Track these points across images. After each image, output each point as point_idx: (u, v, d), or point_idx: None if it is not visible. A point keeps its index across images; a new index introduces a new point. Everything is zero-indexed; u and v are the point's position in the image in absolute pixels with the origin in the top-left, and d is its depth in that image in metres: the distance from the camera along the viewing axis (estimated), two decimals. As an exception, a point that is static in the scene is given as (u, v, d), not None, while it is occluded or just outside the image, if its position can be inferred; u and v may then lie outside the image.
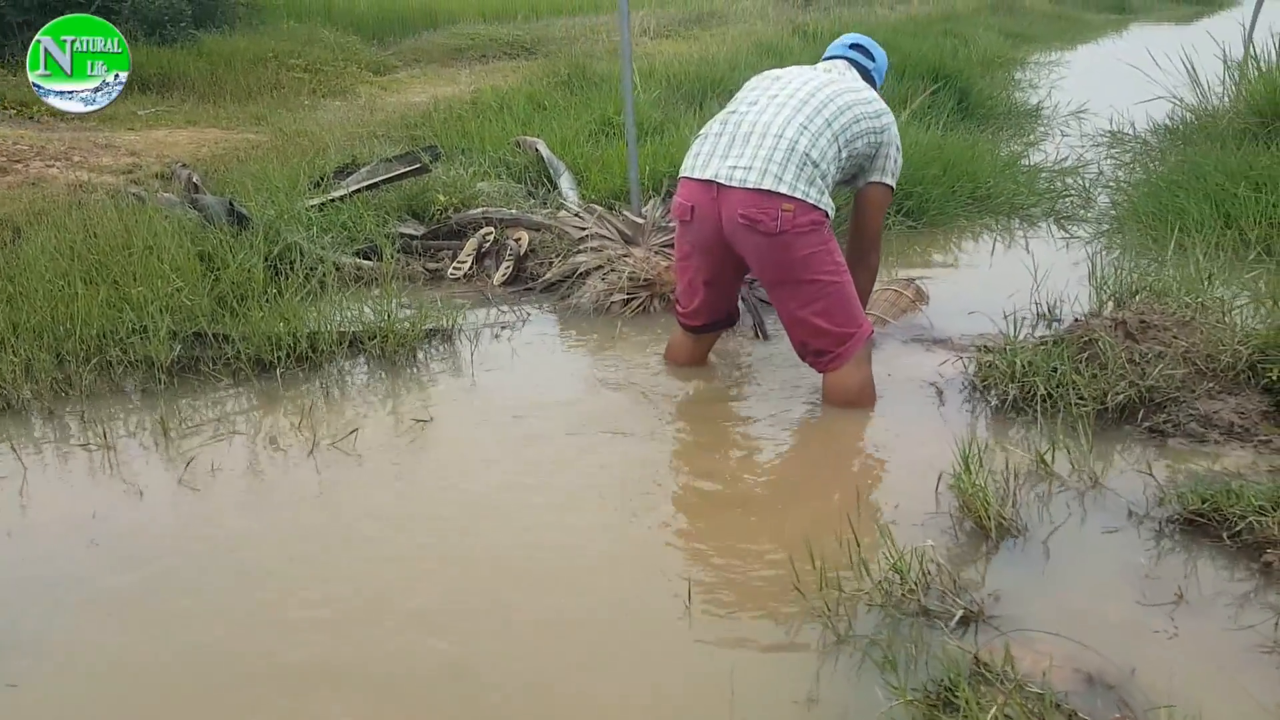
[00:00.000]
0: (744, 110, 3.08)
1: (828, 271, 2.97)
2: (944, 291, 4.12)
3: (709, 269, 3.19)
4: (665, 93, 7.39)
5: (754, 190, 2.90)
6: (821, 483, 2.73)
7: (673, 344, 3.50)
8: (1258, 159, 5.13)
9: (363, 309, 3.70)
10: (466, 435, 3.00)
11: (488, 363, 3.53)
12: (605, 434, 2.97)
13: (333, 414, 3.14)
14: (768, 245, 2.94)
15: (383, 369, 3.47)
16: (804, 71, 3.18)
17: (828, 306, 2.99)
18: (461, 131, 6.45)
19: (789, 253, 2.93)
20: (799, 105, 3.02)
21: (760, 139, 2.97)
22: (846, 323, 3.02)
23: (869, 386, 3.10)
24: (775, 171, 2.91)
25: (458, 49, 11.69)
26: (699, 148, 3.09)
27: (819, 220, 2.94)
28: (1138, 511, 2.46)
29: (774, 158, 2.92)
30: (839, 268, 3.00)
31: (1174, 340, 3.10)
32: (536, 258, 4.46)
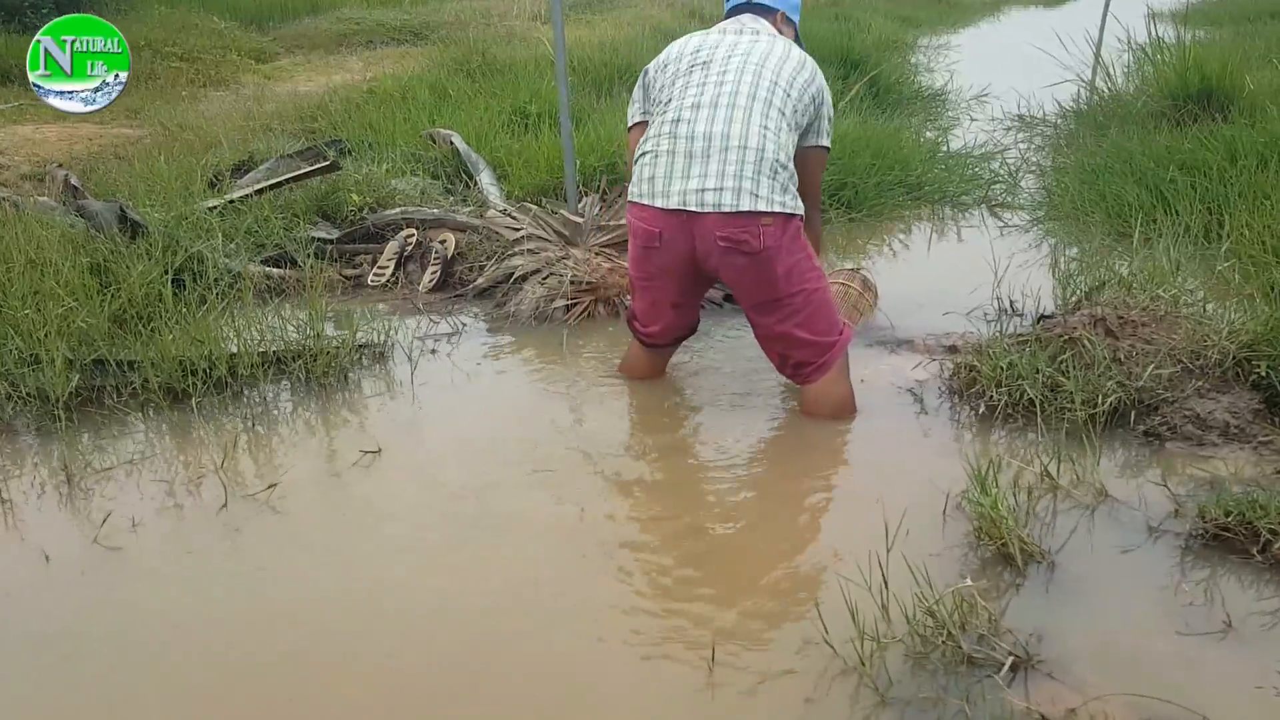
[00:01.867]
0: (689, 115, 2.77)
1: (809, 280, 2.79)
2: (895, 287, 3.96)
3: (676, 292, 2.96)
4: (575, 81, 7.10)
5: (732, 213, 2.68)
6: (820, 511, 2.52)
7: (630, 359, 3.24)
8: (1181, 143, 5.13)
9: (285, 325, 3.34)
10: (418, 474, 2.69)
11: (429, 382, 3.22)
12: (575, 466, 2.70)
13: (260, 451, 2.80)
14: (751, 264, 2.72)
15: (312, 394, 3.14)
16: (728, 50, 2.86)
17: (809, 316, 2.80)
18: (364, 123, 6.06)
19: (772, 268, 2.72)
20: (749, 101, 2.74)
21: (724, 153, 2.70)
22: (828, 330, 2.83)
23: (850, 396, 2.92)
24: (750, 188, 2.67)
25: (343, 35, 11.16)
26: (651, 169, 2.80)
27: (799, 227, 2.77)
28: (1155, 526, 2.32)
29: (744, 172, 2.68)
30: (818, 273, 2.83)
31: (1155, 337, 2.99)
32: (465, 261, 4.16)
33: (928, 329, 3.48)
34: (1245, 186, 4.36)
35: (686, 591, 2.16)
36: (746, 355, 3.34)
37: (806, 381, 2.88)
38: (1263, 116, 5.34)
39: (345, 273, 4.18)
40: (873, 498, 2.44)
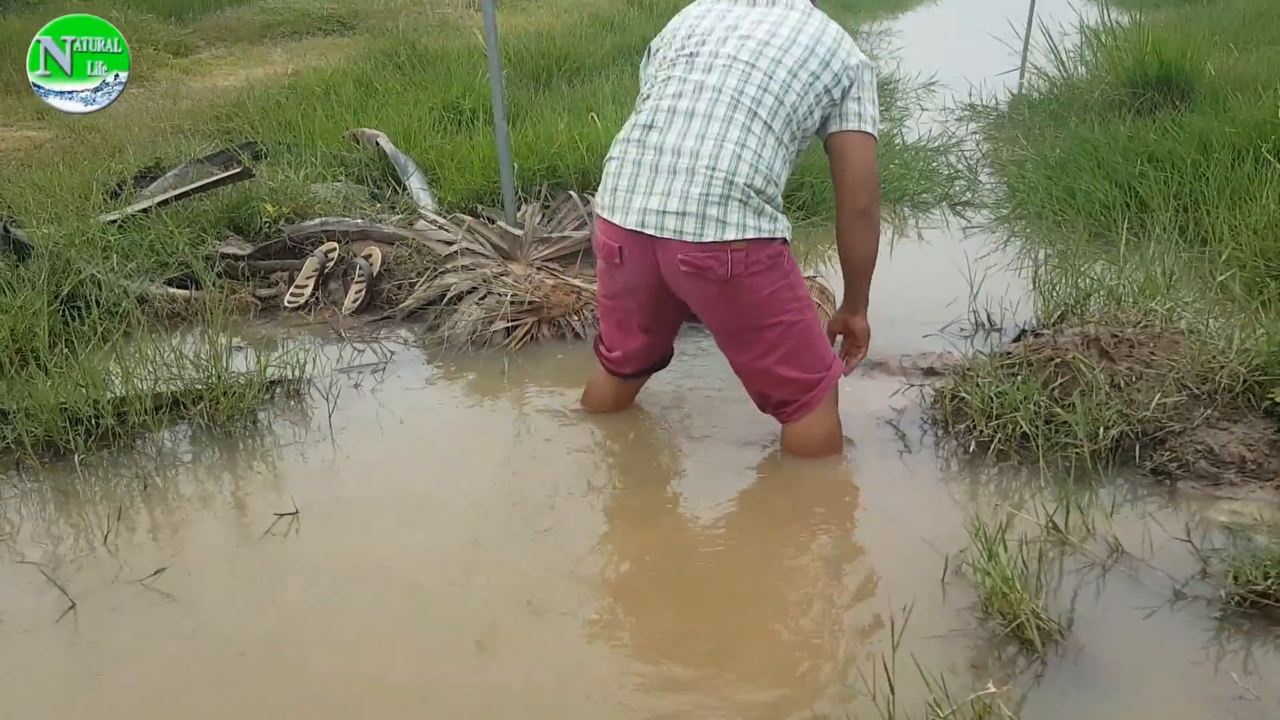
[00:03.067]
0: (662, 120, 2.41)
1: (790, 310, 2.43)
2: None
3: (646, 315, 2.61)
4: (511, 73, 6.72)
5: (694, 243, 2.34)
6: (804, 589, 2.18)
7: (593, 388, 2.89)
8: (1145, 133, 4.91)
9: (183, 360, 2.95)
10: (337, 544, 2.33)
11: (351, 424, 2.85)
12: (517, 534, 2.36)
13: (156, 520, 2.42)
14: (718, 293, 2.38)
15: (216, 443, 2.75)
16: (722, 36, 2.45)
17: (792, 350, 2.47)
18: (283, 122, 5.63)
19: (745, 298, 2.38)
20: (729, 111, 2.35)
21: (690, 173, 2.33)
22: (813, 366, 2.51)
23: (836, 433, 2.61)
24: (715, 214, 2.31)
25: (267, 25, 10.62)
26: (615, 179, 2.44)
27: (778, 251, 2.40)
28: (1181, 590, 2.04)
29: (710, 195, 2.31)
30: (802, 303, 2.47)
31: (1154, 358, 2.73)
32: (393, 278, 3.78)
33: (901, 349, 3.19)
34: (1223, 181, 4.13)
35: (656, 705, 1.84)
36: (713, 380, 3.02)
37: (789, 420, 2.57)
38: (1225, 104, 5.14)
39: (259, 293, 3.78)
40: (864, 565, 2.14)
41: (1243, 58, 6.36)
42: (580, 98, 5.84)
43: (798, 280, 2.47)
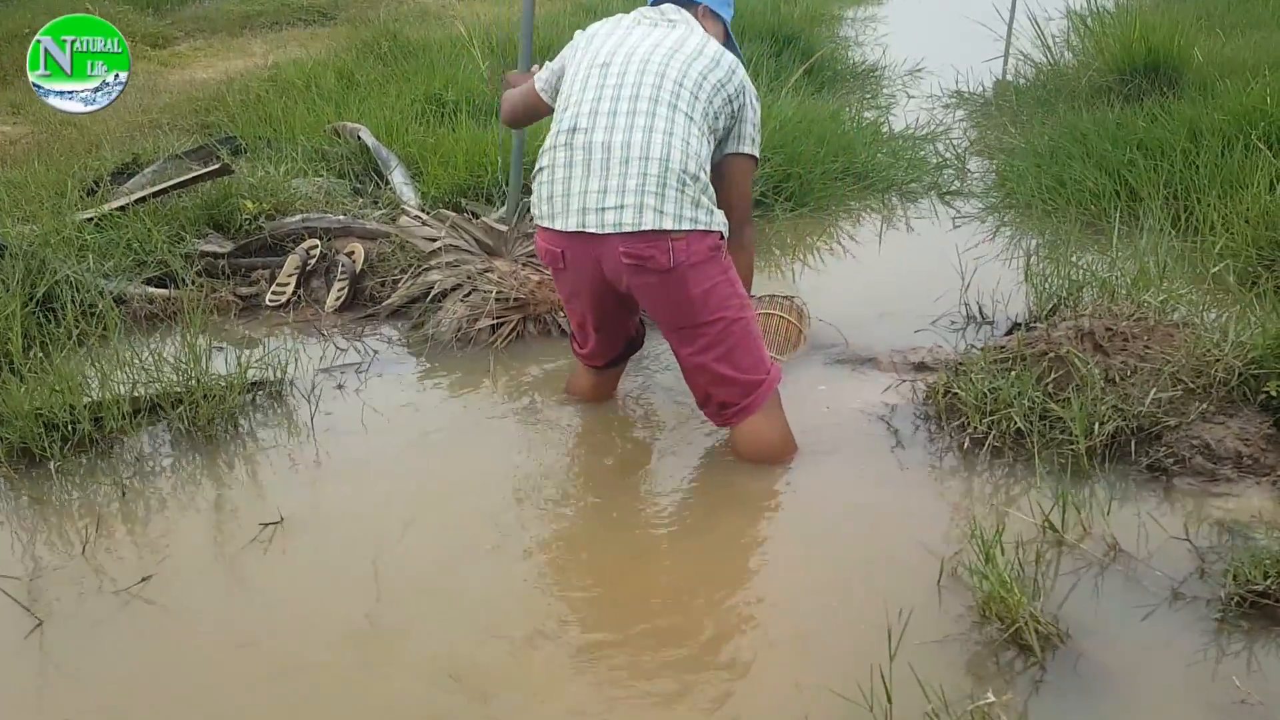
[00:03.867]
0: (585, 123, 2.44)
1: (731, 308, 2.44)
2: (849, 293, 3.63)
3: (596, 314, 2.63)
4: (494, 63, 6.64)
5: (634, 233, 2.35)
6: (796, 584, 2.15)
7: (573, 379, 2.94)
8: (1134, 120, 4.87)
9: (161, 362, 2.88)
10: (323, 554, 2.27)
11: (334, 426, 2.80)
12: (508, 538, 2.32)
13: (132, 528, 2.36)
14: (660, 284, 2.40)
15: (197, 448, 2.70)
16: (630, 49, 2.51)
17: (732, 350, 2.45)
18: (263, 116, 5.54)
19: (685, 290, 2.40)
20: (650, 105, 2.40)
21: (624, 164, 2.37)
22: (753, 368, 2.48)
23: (783, 438, 2.57)
24: (654, 204, 2.35)
25: (247, 16, 10.48)
26: (549, 186, 2.46)
27: (716, 244, 2.43)
28: (1180, 590, 2.01)
29: (647, 186, 2.35)
30: (742, 302, 2.48)
31: (1149, 352, 2.70)
32: (376, 274, 3.72)
33: (891, 343, 3.15)
34: (1213, 169, 4.10)
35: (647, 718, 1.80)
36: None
37: (729, 424, 2.55)
38: (1213, 90, 5.11)
39: (239, 292, 3.71)
40: (858, 569, 2.10)
41: (1229, 42, 6.34)
42: (564, 88, 5.76)
43: (736, 278, 2.49)
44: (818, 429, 2.66)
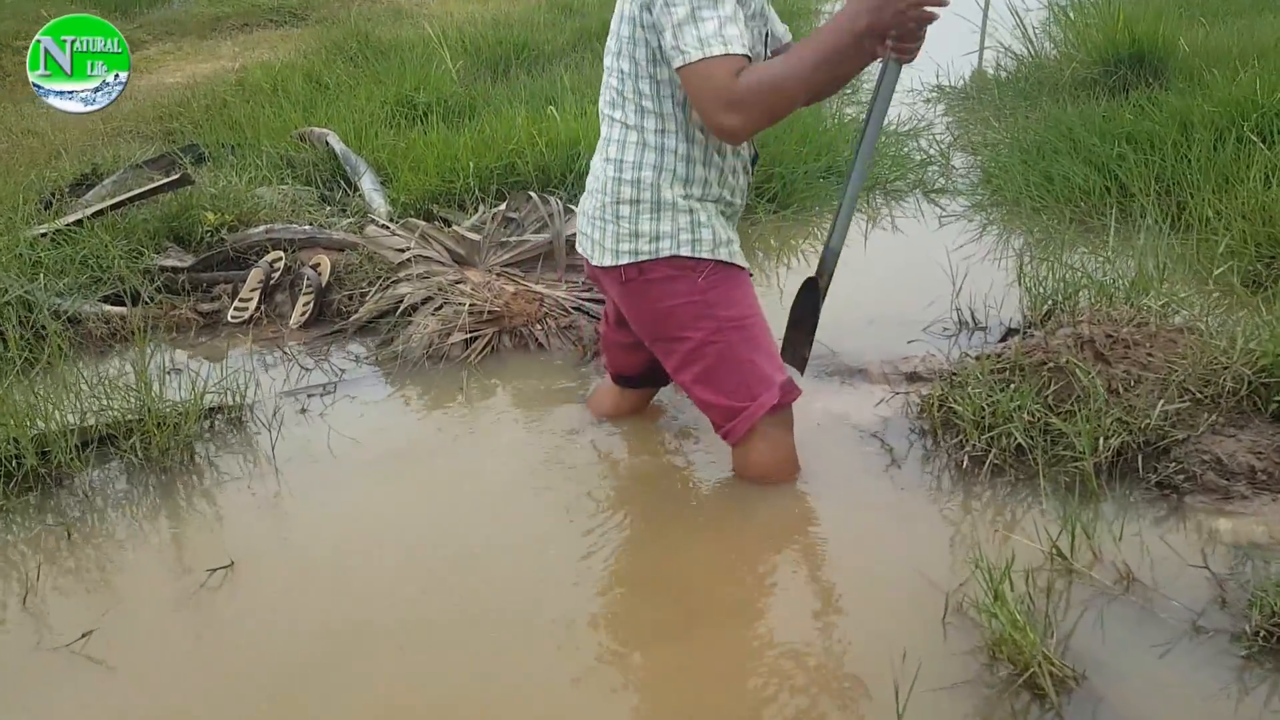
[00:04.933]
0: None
1: (703, 329, 2.23)
2: (835, 298, 3.43)
3: (613, 324, 2.56)
4: (467, 62, 6.48)
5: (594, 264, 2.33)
6: (790, 622, 2.00)
7: (597, 392, 2.83)
8: (1121, 113, 4.76)
9: (112, 388, 2.72)
10: (277, 600, 2.12)
11: (297, 455, 2.64)
12: (478, 582, 2.17)
13: (78, 575, 2.21)
14: (621, 295, 2.31)
15: (149, 483, 2.54)
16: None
17: (707, 373, 2.26)
18: (228, 122, 5.38)
19: (647, 301, 2.27)
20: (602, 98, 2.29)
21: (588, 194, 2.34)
22: (735, 393, 2.26)
23: (783, 460, 2.37)
24: (596, 238, 2.28)
25: (216, 18, 10.27)
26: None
27: (679, 270, 2.21)
28: (1200, 623, 1.88)
29: (590, 214, 2.31)
30: (721, 325, 2.23)
31: (1152, 360, 2.57)
32: (343, 288, 3.56)
33: (881, 352, 3.02)
34: (1205, 163, 3.98)
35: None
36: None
37: (726, 441, 2.38)
38: (1200, 80, 5.00)
39: (200, 308, 3.55)
40: (856, 604, 1.97)
41: (1213, 31, 6.23)
42: (539, 89, 5.62)
43: (720, 299, 2.23)
44: (808, 446, 2.52)
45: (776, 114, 2.01)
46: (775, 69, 1.95)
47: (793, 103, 2.00)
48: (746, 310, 2.27)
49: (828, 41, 1.93)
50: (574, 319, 3.25)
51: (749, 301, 2.29)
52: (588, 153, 4.08)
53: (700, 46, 1.95)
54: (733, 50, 1.95)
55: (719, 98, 1.95)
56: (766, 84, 1.94)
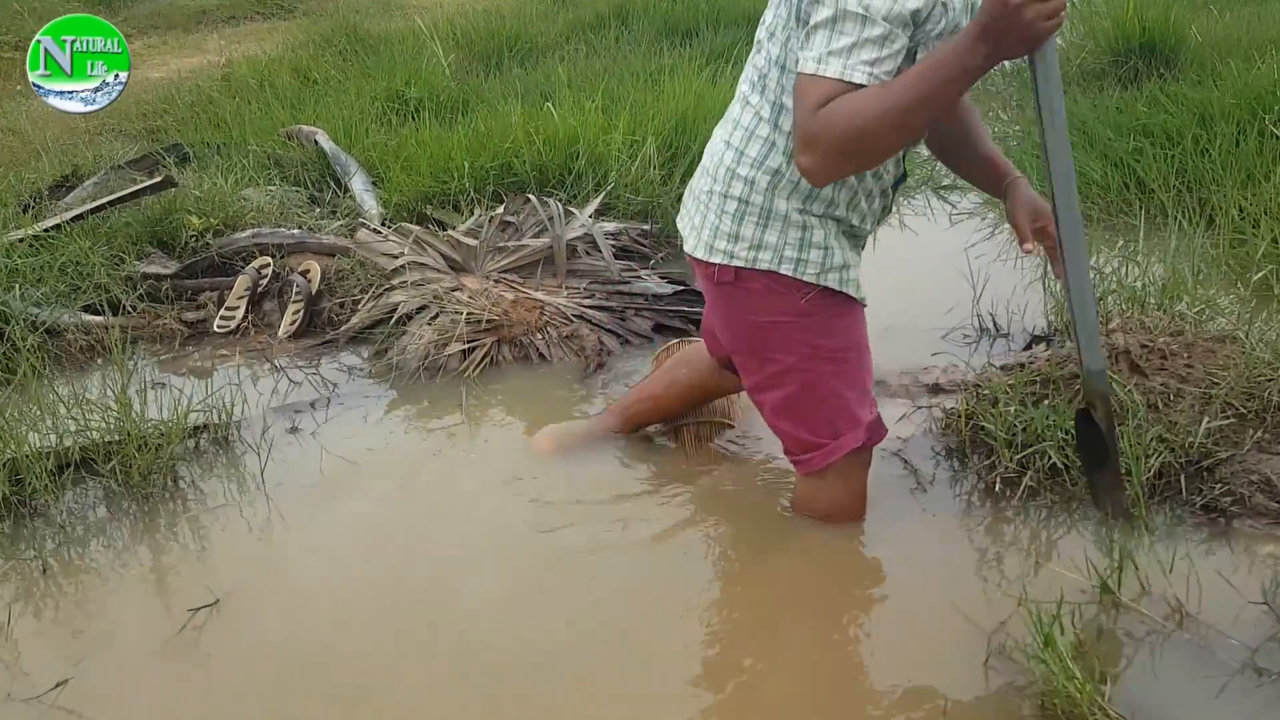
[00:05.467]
0: None
1: (794, 355, 1.99)
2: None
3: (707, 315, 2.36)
4: (459, 55, 6.31)
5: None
6: (817, 666, 1.87)
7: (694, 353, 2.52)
8: (1135, 105, 4.62)
9: (89, 407, 2.57)
10: (267, 640, 1.98)
11: (288, 477, 2.50)
12: (494, 607, 2.03)
13: (54, 615, 2.06)
14: (712, 293, 2.09)
15: (130, 510, 2.39)
16: None
17: (789, 400, 2.04)
18: (214, 120, 5.21)
19: (736, 310, 2.03)
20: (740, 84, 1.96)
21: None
22: (818, 428, 2.04)
23: (854, 503, 2.17)
24: (696, 222, 2.02)
25: (202, 10, 10.07)
26: None
27: (779, 286, 1.94)
28: (1260, 664, 1.75)
29: (698, 192, 2.02)
30: (816, 354, 1.99)
31: (1190, 371, 2.44)
32: (334, 295, 3.41)
33: (899, 362, 2.87)
34: (1226, 158, 3.84)
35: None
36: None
37: (796, 469, 2.17)
38: (1214, 71, 4.86)
39: (185, 317, 3.39)
40: (888, 644, 1.83)
41: (1222, 19, 6.10)
42: (534, 83, 5.46)
43: (819, 327, 1.98)
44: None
45: (857, 160, 1.70)
46: (859, 104, 1.60)
47: (879, 148, 1.68)
48: (847, 343, 2.02)
49: (932, 77, 1.58)
50: (576, 328, 3.10)
51: (853, 334, 2.04)
52: (587, 151, 3.94)
53: (818, 61, 1.63)
54: (849, 77, 1.62)
55: (798, 129, 1.66)
56: (843, 121, 1.59)
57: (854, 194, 1.92)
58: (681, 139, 4.07)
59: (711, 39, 6.18)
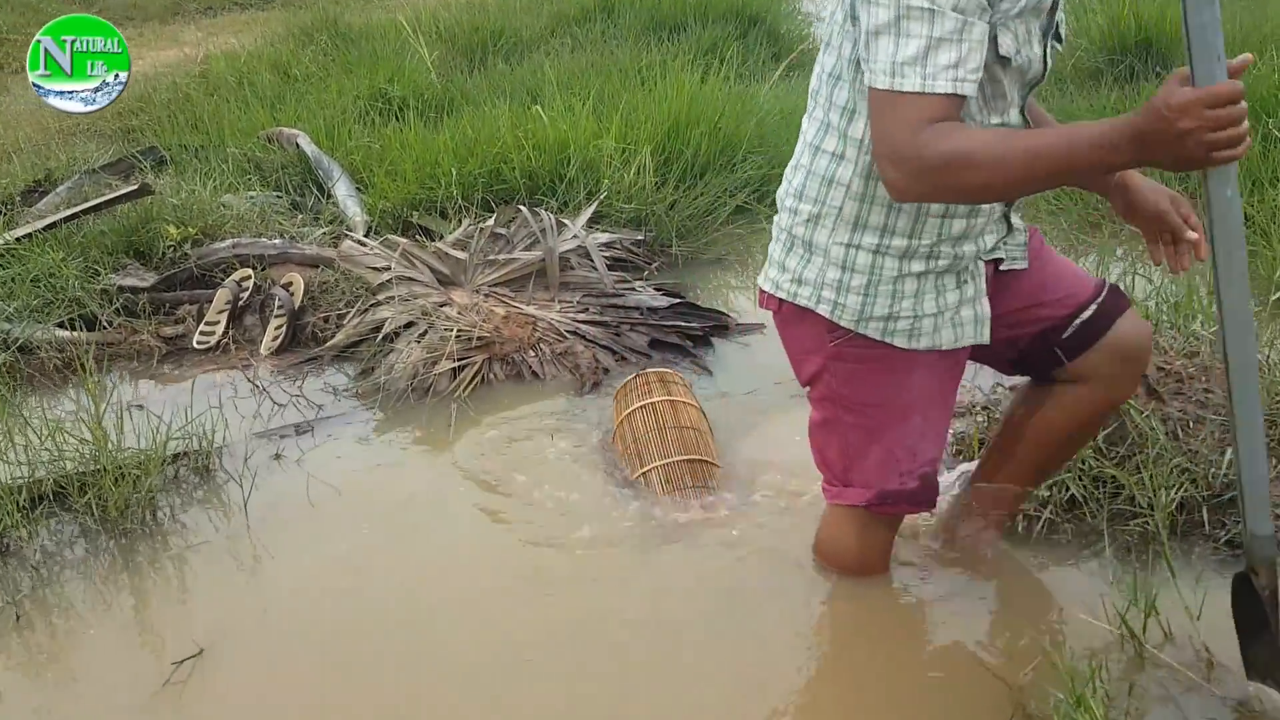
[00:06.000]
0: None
1: (820, 390, 1.81)
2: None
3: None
4: (442, 51, 6.17)
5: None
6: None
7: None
8: (1131, 105, 4.54)
9: (62, 435, 2.46)
10: (257, 695, 1.88)
11: (273, 510, 2.39)
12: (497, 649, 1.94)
13: (26, 665, 1.96)
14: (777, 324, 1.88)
15: (106, 547, 2.28)
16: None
17: (811, 425, 1.88)
18: (191, 120, 5.07)
19: (783, 339, 1.86)
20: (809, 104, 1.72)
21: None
22: (831, 465, 1.87)
23: (853, 556, 1.97)
24: (775, 256, 1.79)
25: (178, 1, 9.90)
26: None
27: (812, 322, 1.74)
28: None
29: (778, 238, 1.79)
30: (837, 402, 1.79)
31: (1209, 396, 2.36)
32: (317, 309, 3.30)
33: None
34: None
35: None
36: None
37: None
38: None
39: (163, 332, 3.28)
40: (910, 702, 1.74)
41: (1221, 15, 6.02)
42: (520, 80, 5.33)
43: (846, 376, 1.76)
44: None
45: (958, 193, 1.52)
46: (978, 144, 1.43)
47: (984, 191, 1.50)
48: (877, 399, 1.77)
49: (1063, 157, 1.41)
50: (570, 344, 3.00)
51: (886, 390, 1.76)
52: (578, 156, 3.83)
53: (890, 74, 1.45)
54: (933, 88, 1.43)
55: (891, 143, 1.46)
56: (959, 157, 1.42)
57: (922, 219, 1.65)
58: (674, 144, 3.96)
59: (699, 34, 6.05)
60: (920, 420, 1.78)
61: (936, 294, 1.70)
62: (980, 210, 1.66)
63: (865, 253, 1.67)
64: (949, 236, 1.66)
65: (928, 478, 1.83)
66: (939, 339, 1.72)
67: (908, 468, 1.80)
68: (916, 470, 1.81)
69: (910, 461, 1.80)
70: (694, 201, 3.78)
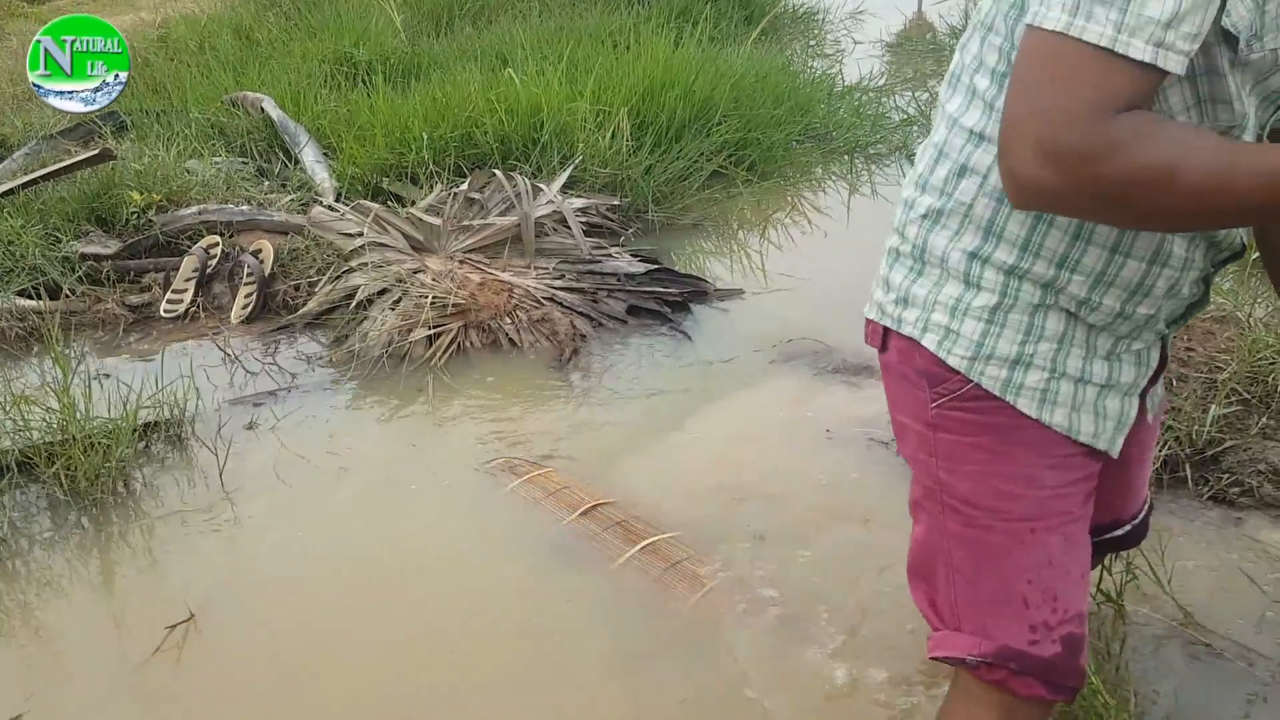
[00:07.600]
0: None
1: (920, 486, 1.20)
2: (829, 282, 3.23)
3: None
4: (408, 14, 6.05)
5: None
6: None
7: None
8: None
9: (28, 405, 2.39)
10: (244, 658, 1.85)
11: (248, 480, 2.34)
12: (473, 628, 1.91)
13: (6, 642, 1.90)
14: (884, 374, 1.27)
15: (78, 518, 2.22)
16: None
17: (923, 554, 1.23)
18: (151, 85, 4.94)
19: (888, 395, 1.25)
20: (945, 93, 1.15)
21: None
22: (936, 591, 1.21)
23: None
24: (882, 272, 1.23)
25: (132, -36, 9.64)
26: None
27: (917, 364, 1.16)
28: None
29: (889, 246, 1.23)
30: (941, 495, 1.16)
31: (1191, 355, 2.37)
32: (288, 276, 3.23)
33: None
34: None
35: None
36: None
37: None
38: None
39: (129, 300, 3.20)
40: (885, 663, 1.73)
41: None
42: (489, 44, 5.24)
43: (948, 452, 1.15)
44: (816, 457, 2.29)
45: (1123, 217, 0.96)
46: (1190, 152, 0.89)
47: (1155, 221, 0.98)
48: (991, 493, 1.15)
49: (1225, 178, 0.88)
50: (547, 311, 2.96)
51: (1007, 479, 1.14)
52: (551, 120, 3.77)
53: (1071, 9, 0.91)
54: (1133, 52, 0.89)
55: (1049, 118, 0.91)
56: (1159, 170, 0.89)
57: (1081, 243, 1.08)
58: (649, 107, 3.91)
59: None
60: (1060, 543, 1.17)
61: (1086, 351, 1.13)
62: (1172, 255, 1.08)
63: (994, 270, 1.11)
64: (1119, 282, 1.09)
65: (1074, 643, 1.17)
66: (1078, 422, 1.14)
67: (1043, 618, 1.16)
68: (1057, 626, 1.16)
69: (1047, 608, 1.16)
70: (670, 166, 3.74)
